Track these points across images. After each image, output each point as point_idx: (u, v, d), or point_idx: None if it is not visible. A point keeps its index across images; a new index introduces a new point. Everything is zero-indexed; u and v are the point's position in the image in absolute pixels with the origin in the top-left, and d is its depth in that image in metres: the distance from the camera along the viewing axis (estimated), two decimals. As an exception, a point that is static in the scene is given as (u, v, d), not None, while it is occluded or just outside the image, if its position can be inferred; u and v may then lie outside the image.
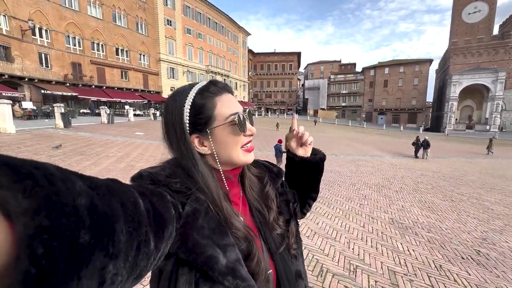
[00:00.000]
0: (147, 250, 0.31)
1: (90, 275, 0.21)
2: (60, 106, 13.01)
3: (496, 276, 2.97)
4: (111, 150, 8.65)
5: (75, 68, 23.48)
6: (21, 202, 0.18)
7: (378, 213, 4.94)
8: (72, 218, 0.20)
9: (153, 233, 0.33)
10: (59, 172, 0.23)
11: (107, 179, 0.32)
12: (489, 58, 40.35)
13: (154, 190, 0.41)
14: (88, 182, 0.25)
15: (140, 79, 30.37)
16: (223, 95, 0.56)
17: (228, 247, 0.47)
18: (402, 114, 52.95)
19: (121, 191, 0.30)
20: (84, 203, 0.22)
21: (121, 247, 0.25)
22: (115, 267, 0.24)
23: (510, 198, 6.81)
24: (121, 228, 0.26)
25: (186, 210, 0.47)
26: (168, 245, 0.39)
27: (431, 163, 12.80)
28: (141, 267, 0.30)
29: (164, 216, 0.38)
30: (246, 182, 0.64)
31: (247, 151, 0.58)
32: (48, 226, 0.18)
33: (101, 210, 0.24)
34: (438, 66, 55.31)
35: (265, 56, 61.48)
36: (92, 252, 0.21)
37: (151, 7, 31.09)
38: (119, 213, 0.27)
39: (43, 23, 20.90)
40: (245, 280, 0.46)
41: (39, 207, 0.18)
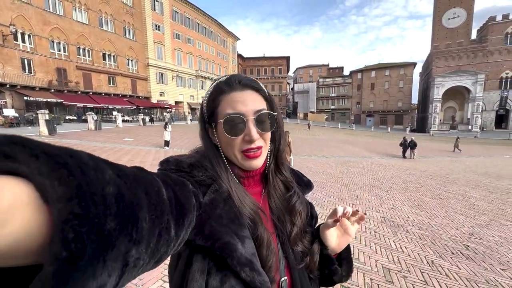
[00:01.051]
0: (167, 237, 0.32)
1: (114, 258, 0.22)
2: (45, 112, 12.60)
3: (484, 269, 3.07)
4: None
5: (60, 73, 22.85)
6: (57, 190, 0.19)
7: (370, 212, 5.03)
8: (100, 206, 0.22)
9: (174, 221, 0.34)
10: (92, 161, 0.24)
11: (134, 167, 0.33)
12: (469, 61, 42.26)
13: (177, 179, 0.42)
14: (117, 171, 0.27)
15: (128, 84, 29.89)
16: (233, 93, 0.54)
17: (245, 239, 0.47)
18: (389, 116, 54.43)
19: (147, 180, 0.31)
20: (112, 191, 0.24)
21: (144, 234, 0.26)
22: (138, 252, 0.26)
23: (494, 194, 7.08)
24: (144, 216, 0.27)
25: (205, 200, 0.48)
26: (187, 233, 0.39)
27: (418, 163, 13.17)
28: (162, 252, 0.31)
29: (185, 205, 0.38)
30: (270, 185, 0.61)
31: (247, 156, 0.54)
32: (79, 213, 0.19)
33: (127, 198, 0.25)
34: (421, 69, 57.40)
35: (255, 61, 61.96)
36: (117, 237, 0.23)
37: (138, 12, 30.83)
38: (143, 201, 0.28)
39: (26, 28, 20.31)
40: (261, 274, 0.46)
41: (72, 195, 0.19)
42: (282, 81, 61.91)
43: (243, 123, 0.52)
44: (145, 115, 27.22)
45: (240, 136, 0.53)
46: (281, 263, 0.55)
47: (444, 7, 43.97)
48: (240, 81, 0.55)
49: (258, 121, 0.54)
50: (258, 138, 0.54)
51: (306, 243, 0.59)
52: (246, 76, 0.58)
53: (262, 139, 0.55)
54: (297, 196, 0.61)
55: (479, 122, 40.82)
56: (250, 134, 0.52)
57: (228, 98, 0.54)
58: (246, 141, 0.53)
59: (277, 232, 0.58)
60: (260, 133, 0.54)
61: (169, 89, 35.82)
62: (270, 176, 0.61)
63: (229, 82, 0.55)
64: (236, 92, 0.54)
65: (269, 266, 0.50)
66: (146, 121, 24.26)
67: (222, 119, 0.53)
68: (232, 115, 0.52)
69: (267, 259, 0.50)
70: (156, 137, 12.87)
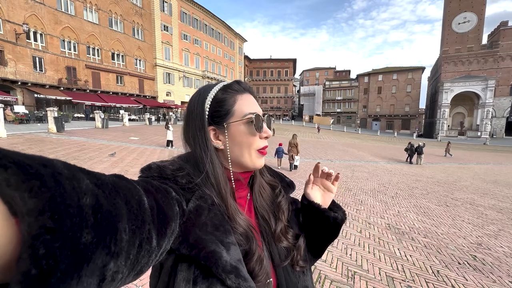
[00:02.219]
0: (149, 248, 0.31)
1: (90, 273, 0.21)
2: (53, 110, 12.82)
3: (492, 281, 2.97)
4: (105, 154, 8.53)
5: (70, 72, 23.30)
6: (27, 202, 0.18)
7: (374, 218, 4.94)
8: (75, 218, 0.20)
9: (155, 231, 0.33)
10: (67, 170, 0.23)
11: (113, 175, 0.32)
12: (479, 67, 41.52)
13: (159, 186, 0.41)
14: (95, 180, 0.26)
15: (135, 84, 30.28)
16: (244, 94, 0.57)
17: (231, 246, 0.46)
18: (396, 121, 53.78)
19: (127, 189, 0.30)
20: (89, 202, 0.22)
21: (123, 246, 0.25)
22: (116, 265, 0.24)
23: (503, 203, 6.90)
24: (124, 227, 0.26)
25: (189, 207, 0.46)
26: (170, 242, 0.39)
27: (425, 169, 12.95)
28: (142, 263, 0.30)
29: (168, 214, 0.37)
30: (256, 188, 0.62)
31: (262, 153, 0.57)
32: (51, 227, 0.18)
33: (105, 209, 0.24)
34: (430, 74, 56.63)
35: (261, 62, 62.09)
36: (93, 251, 0.21)
37: (147, 12, 31.26)
38: (123, 211, 0.27)
39: (38, 27, 20.79)
40: (247, 280, 0.45)
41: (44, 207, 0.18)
42: (288, 83, 61.85)
43: (262, 121, 0.56)
44: (152, 114, 27.50)
45: (258, 135, 0.56)
46: (266, 264, 0.54)
47: (454, 12, 43.33)
48: (245, 85, 0.59)
49: (267, 121, 0.59)
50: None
51: (290, 238, 0.60)
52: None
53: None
54: (282, 194, 0.64)
55: (489, 129, 39.98)
56: (268, 132, 0.57)
57: (243, 98, 0.56)
58: (263, 138, 0.57)
59: (262, 233, 0.58)
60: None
61: (175, 89, 36.15)
62: (256, 178, 0.62)
63: (239, 84, 0.58)
64: (246, 94, 0.57)
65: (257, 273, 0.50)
66: (152, 121, 24.49)
67: (243, 117, 0.54)
68: (253, 113, 0.55)
69: (257, 273, 0.50)
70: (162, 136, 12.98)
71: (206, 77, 41.03)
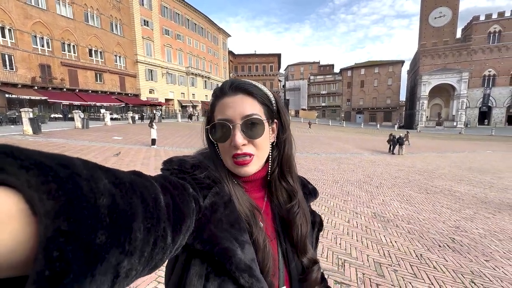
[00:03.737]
0: (163, 245, 0.31)
1: (104, 272, 0.21)
2: (28, 111, 12.11)
3: (469, 261, 3.20)
4: (87, 156, 8.20)
5: (44, 70, 22.01)
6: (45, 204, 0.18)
7: (361, 208, 5.14)
8: (91, 220, 0.21)
9: (171, 228, 0.33)
10: (86, 170, 0.23)
11: (132, 172, 0.32)
12: (454, 60, 43.55)
13: (176, 183, 0.41)
14: (113, 179, 0.26)
15: (116, 81, 29.14)
16: (225, 99, 0.54)
17: (245, 244, 0.46)
18: (378, 113, 55.54)
19: (144, 186, 0.30)
20: (105, 203, 0.23)
21: (137, 244, 0.25)
22: (130, 263, 0.25)
23: (477, 188, 7.38)
24: (139, 226, 0.26)
25: (205, 203, 0.46)
26: (185, 238, 0.39)
27: (406, 159, 13.53)
28: (157, 260, 0.30)
29: (184, 211, 0.37)
30: (272, 190, 0.60)
31: (236, 163, 0.53)
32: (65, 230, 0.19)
33: (121, 208, 0.24)
34: (409, 67, 58.70)
35: (246, 58, 61.58)
36: (107, 251, 0.22)
37: (126, 6, 29.99)
38: (138, 210, 0.27)
39: (6, 22, 19.40)
40: (260, 281, 0.45)
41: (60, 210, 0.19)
42: (274, 78, 61.87)
43: (229, 129, 0.51)
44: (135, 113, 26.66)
45: (228, 142, 0.52)
46: (280, 271, 0.54)
47: (430, 6, 44.97)
48: (232, 85, 0.54)
49: (246, 126, 0.52)
50: (244, 143, 0.52)
51: (308, 256, 0.58)
52: (243, 80, 0.56)
53: (253, 146, 0.53)
54: (298, 207, 0.59)
55: (464, 119, 42.25)
56: (234, 140, 0.51)
57: (220, 103, 0.54)
58: (232, 147, 0.52)
59: (279, 239, 0.57)
60: (248, 140, 0.52)
61: (159, 86, 35.17)
62: (273, 183, 0.59)
63: (222, 86, 0.56)
64: (227, 97, 0.53)
65: (267, 271, 0.49)
66: (135, 119, 23.76)
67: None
68: (219, 121, 0.52)
69: (264, 263, 0.49)
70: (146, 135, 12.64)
71: (190, 73, 40.20)
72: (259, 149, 0.54)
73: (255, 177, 0.57)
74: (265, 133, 0.54)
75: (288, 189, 0.59)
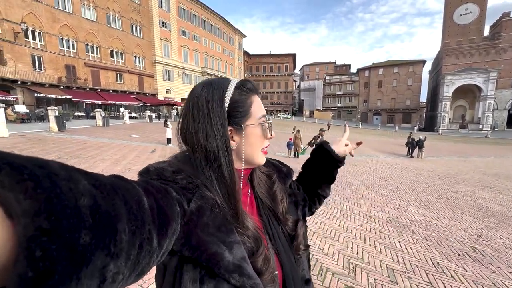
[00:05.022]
0: (149, 248, 0.31)
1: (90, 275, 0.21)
2: (54, 109, 12.85)
3: (492, 272, 3.02)
4: (107, 153, 8.58)
5: (69, 70, 23.25)
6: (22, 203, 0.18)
7: (375, 212, 4.99)
8: (73, 219, 0.20)
9: (156, 231, 0.32)
10: (64, 171, 0.22)
11: (112, 176, 0.32)
12: (481, 59, 41.16)
13: (159, 186, 0.41)
14: (93, 181, 0.25)
15: (135, 81, 30.21)
16: (257, 95, 0.59)
17: (234, 245, 0.47)
18: (397, 114, 53.57)
19: (125, 189, 0.30)
20: (86, 203, 0.22)
21: (123, 246, 0.25)
22: (116, 266, 0.24)
23: (503, 195, 6.93)
24: (123, 227, 0.26)
25: (190, 207, 0.46)
26: (171, 242, 0.38)
27: (426, 163, 12.96)
28: (143, 264, 0.30)
29: (168, 214, 0.37)
30: (255, 180, 0.64)
31: (264, 153, 0.60)
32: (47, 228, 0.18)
33: (103, 209, 0.24)
34: (431, 67, 56.20)
35: (261, 58, 61.66)
36: (92, 252, 0.21)
37: (145, 9, 31.00)
38: (122, 212, 0.26)
39: (36, 25, 20.67)
40: (251, 278, 0.46)
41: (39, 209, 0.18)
42: (288, 78, 61.50)
43: (271, 124, 0.59)
44: (152, 112, 27.47)
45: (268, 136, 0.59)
46: (271, 258, 0.55)
47: (456, 3, 42.80)
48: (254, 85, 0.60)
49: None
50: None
51: (290, 226, 0.63)
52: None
53: None
54: (277, 184, 0.67)
55: (490, 122, 39.83)
56: (273, 134, 0.60)
57: (257, 100, 0.58)
58: (267, 139, 0.60)
59: (265, 228, 0.59)
60: None
61: (175, 86, 36.04)
62: (255, 172, 0.64)
63: (252, 84, 0.59)
64: (257, 95, 0.59)
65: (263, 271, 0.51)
66: (152, 118, 24.51)
67: (258, 120, 0.57)
68: (265, 116, 0.58)
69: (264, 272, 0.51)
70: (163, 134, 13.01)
71: (206, 73, 40.83)
72: None
73: (247, 172, 0.61)
74: None
75: (265, 172, 0.67)
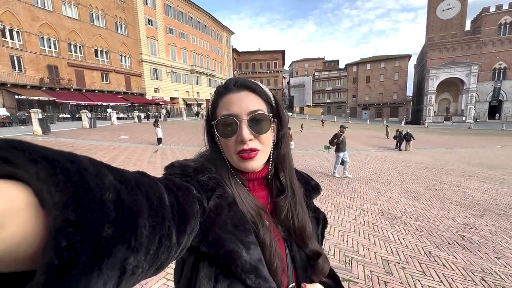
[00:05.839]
0: (168, 244, 0.31)
1: (111, 266, 0.22)
2: (38, 111, 12.37)
3: (480, 258, 3.15)
4: (95, 155, 8.35)
5: (52, 71, 22.40)
6: (54, 196, 0.19)
7: (368, 205, 5.10)
8: (97, 213, 0.21)
9: (175, 228, 0.33)
10: (93, 166, 0.24)
11: (137, 172, 0.33)
12: (463, 53, 42.51)
13: (180, 184, 0.41)
14: (119, 176, 0.27)
15: (122, 81, 29.46)
16: (229, 95, 0.54)
17: (251, 245, 0.47)
18: (385, 109, 54.74)
19: (148, 185, 0.31)
20: (111, 197, 0.23)
21: (143, 241, 0.26)
22: (136, 260, 0.25)
23: (487, 184, 7.23)
24: (144, 222, 0.27)
25: (209, 205, 0.47)
26: (190, 239, 0.39)
27: (413, 155, 13.33)
28: (162, 259, 0.31)
29: (188, 211, 0.38)
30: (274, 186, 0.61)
31: (241, 158, 0.53)
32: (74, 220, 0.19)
33: (126, 204, 0.25)
34: (416, 61, 57.59)
35: (250, 55, 61.39)
36: (114, 245, 0.22)
37: (130, 6, 30.18)
38: (143, 207, 0.27)
39: (14, 24, 19.75)
40: (267, 281, 0.45)
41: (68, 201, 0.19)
42: (278, 75, 61.58)
43: (236, 124, 0.52)
44: (140, 112, 26.93)
45: (234, 137, 0.52)
46: (289, 269, 0.54)
47: (438, -2, 43.91)
48: (236, 82, 0.55)
49: (252, 122, 0.52)
50: (251, 139, 0.52)
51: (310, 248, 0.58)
52: (246, 79, 0.57)
53: (258, 141, 0.54)
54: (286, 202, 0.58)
55: (473, 113, 41.36)
56: (241, 134, 0.51)
57: (224, 100, 0.54)
58: (239, 142, 0.52)
59: (284, 237, 0.57)
60: (254, 135, 0.53)
61: (164, 85, 35.41)
62: (271, 182, 0.61)
63: (226, 84, 0.56)
64: (232, 93, 0.54)
65: (275, 270, 0.49)
66: (141, 118, 24.02)
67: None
68: (225, 116, 0.52)
69: (271, 262, 0.49)
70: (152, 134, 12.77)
71: (195, 71, 40.32)
72: (264, 145, 0.55)
73: (258, 175, 0.58)
74: (270, 129, 0.55)
75: (279, 186, 0.60)
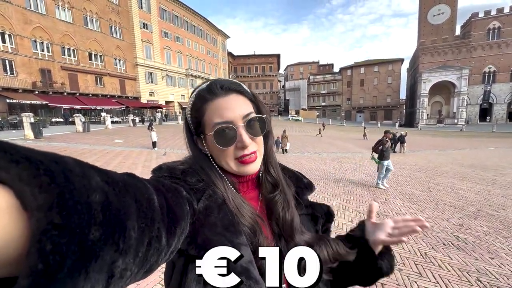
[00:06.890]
0: (158, 246, 0.31)
1: (98, 270, 0.21)
2: (29, 115, 12.16)
3: (474, 259, 3.18)
4: (89, 159, 8.14)
5: (44, 74, 22.10)
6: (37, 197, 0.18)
7: (364, 207, 5.11)
8: (84, 215, 0.20)
9: (165, 229, 0.32)
10: (78, 167, 0.23)
11: (125, 173, 0.32)
12: (454, 57, 43.52)
13: (170, 186, 0.41)
14: (106, 177, 0.26)
15: (116, 84, 29.24)
16: (217, 100, 0.51)
17: (241, 246, 0.45)
18: (379, 112, 55.50)
19: (137, 187, 0.30)
20: (98, 199, 0.23)
21: (132, 243, 0.25)
22: (125, 262, 0.24)
23: (480, 185, 7.34)
24: (133, 224, 0.26)
25: (199, 206, 0.46)
26: (180, 241, 0.38)
27: (408, 157, 13.48)
28: (151, 262, 0.30)
29: (177, 213, 0.37)
30: (263, 187, 0.60)
31: (242, 162, 0.52)
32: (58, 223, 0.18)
33: (114, 206, 0.24)
34: (409, 65, 58.67)
35: (245, 59, 61.71)
36: (101, 248, 0.22)
37: (125, 10, 30.10)
38: (132, 209, 0.27)
39: (6, 27, 19.50)
40: (258, 282, 0.44)
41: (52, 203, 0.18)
42: (273, 78, 61.96)
43: (234, 131, 0.50)
44: (135, 115, 26.72)
45: (233, 145, 0.51)
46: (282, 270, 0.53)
47: (429, 4, 44.99)
48: (223, 85, 0.52)
49: (248, 126, 0.52)
50: (251, 143, 0.52)
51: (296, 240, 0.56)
52: (227, 79, 0.54)
53: (255, 143, 0.53)
54: (280, 196, 0.57)
55: (464, 116, 42.20)
56: (243, 142, 0.50)
57: (212, 106, 0.51)
58: (239, 148, 0.51)
59: (275, 237, 0.56)
60: (252, 138, 0.52)
61: (159, 89, 35.26)
62: (262, 179, 0.59)
63: (211, 88, 0.52)
64: (219, 98, 0.51)
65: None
66: (136, 122, 23.82)
67: (211, 131, 0.51)
68: (221, 124, 0.50)
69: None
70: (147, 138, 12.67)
71: (190, 75, 40.28)
72: (259, 145, 0.55)
73: (249, 177, 0.57)
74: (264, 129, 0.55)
75: (272, 182, 0.59)
